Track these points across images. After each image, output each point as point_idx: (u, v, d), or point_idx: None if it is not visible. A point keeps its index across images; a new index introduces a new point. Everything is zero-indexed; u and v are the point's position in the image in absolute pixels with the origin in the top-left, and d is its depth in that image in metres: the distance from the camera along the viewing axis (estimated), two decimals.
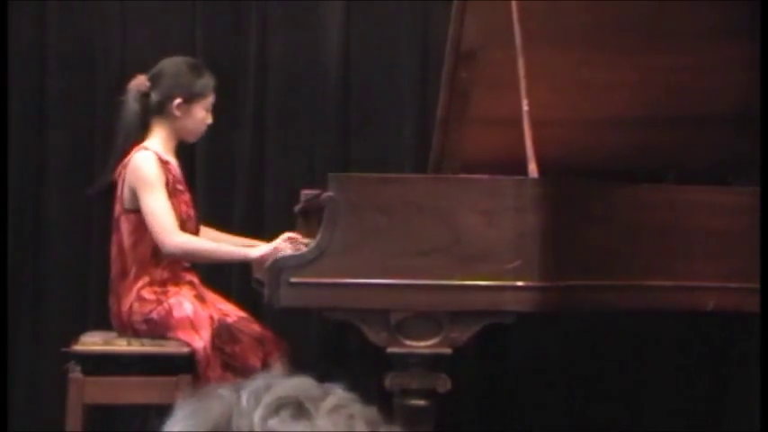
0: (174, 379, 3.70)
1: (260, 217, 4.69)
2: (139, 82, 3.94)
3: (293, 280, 3.26)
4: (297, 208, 4.26)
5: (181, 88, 3.89)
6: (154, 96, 3.90)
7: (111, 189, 3.90)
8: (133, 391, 3.76)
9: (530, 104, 3.36)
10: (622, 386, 4.61)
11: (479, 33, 3.60)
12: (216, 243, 3.93)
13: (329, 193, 3.30)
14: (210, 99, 3.94)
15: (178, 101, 3.88)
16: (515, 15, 3.41)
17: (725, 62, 3.80)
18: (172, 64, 3.96)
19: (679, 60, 3.80)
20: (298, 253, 3.37)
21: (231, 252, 3.86)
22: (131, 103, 3.91)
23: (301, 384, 1.02)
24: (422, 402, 3.28)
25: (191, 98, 3.89)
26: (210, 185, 4.67)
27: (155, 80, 3.92)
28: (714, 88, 3.85)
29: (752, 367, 4.19)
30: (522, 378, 4.68)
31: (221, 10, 4.76)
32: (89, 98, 4.71)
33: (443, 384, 3.30)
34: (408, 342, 3.27)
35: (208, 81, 3.93)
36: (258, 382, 1.02)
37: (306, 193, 4.20)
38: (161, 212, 3.75)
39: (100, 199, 3.94)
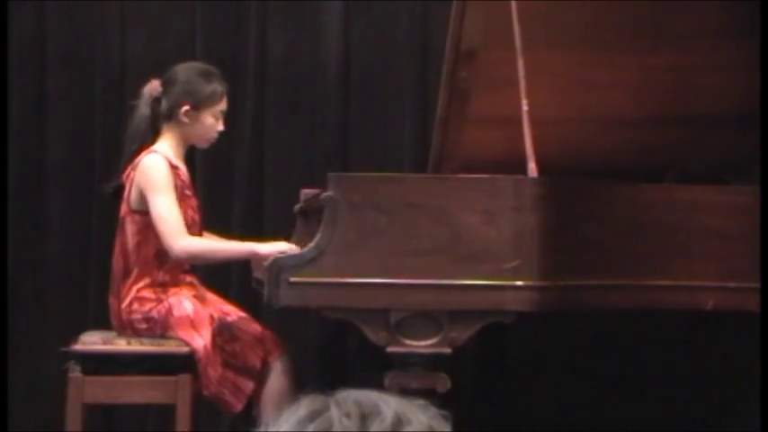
0: (174, 378, 3.70)
1: (260, 217, 4.69)
2: (153, 87, 3.91)
3: (293, 279, 3.25)
4: (296, 208, 4.26)
5: (189, 95, 3.85)
6: (164, 102, 3.88)
7: (119, 191, 3.90)
8: (133, 390, 3.75)
9: (529, 104, 3.36)
10: (622, 386, 4.61)
11: (479, 33, 3.60)
12: (221, 241, 3.91)
13: (329, 193, 3.30)
14: (220, 106, 3.88)
15: (186, 107, 3.84)
16: (515, 15, 3.41)
17: (725, 62, 3.80)
18: (183, 69, 3.92)
19: (679, 60, 3.80)
20: (297, 253, 3.37)
21: (239, 248, 3.81)
22: (142, 108, 3.90)
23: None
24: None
25: (198, 105, 3.85)
26: (210, 185, 4.66)
27: (166, 85, 3.89)
28: (714, 88, 3.85)
29: (752, 367, 4.19)
30: (521, 377, 4.68)
31: (221, 10, 4.76)
32: (89, 97, 4.71)
33: (443, 384, 3.29)
34: (408, 342, 3.27)
35: (217, 88, 3.88)
36: (386, 422, 0.99)
37: (306, 192, 4.20)
38: (169, 216, 3.72)
39: (114, 198, 3.92)
